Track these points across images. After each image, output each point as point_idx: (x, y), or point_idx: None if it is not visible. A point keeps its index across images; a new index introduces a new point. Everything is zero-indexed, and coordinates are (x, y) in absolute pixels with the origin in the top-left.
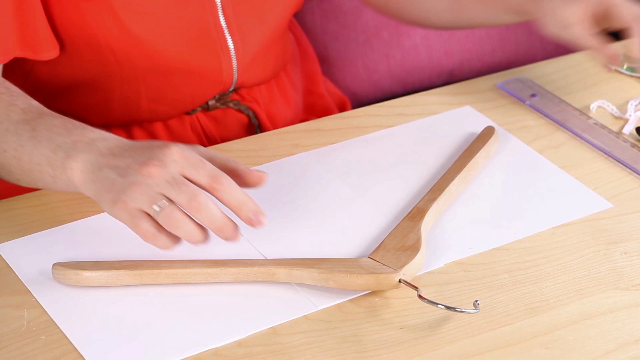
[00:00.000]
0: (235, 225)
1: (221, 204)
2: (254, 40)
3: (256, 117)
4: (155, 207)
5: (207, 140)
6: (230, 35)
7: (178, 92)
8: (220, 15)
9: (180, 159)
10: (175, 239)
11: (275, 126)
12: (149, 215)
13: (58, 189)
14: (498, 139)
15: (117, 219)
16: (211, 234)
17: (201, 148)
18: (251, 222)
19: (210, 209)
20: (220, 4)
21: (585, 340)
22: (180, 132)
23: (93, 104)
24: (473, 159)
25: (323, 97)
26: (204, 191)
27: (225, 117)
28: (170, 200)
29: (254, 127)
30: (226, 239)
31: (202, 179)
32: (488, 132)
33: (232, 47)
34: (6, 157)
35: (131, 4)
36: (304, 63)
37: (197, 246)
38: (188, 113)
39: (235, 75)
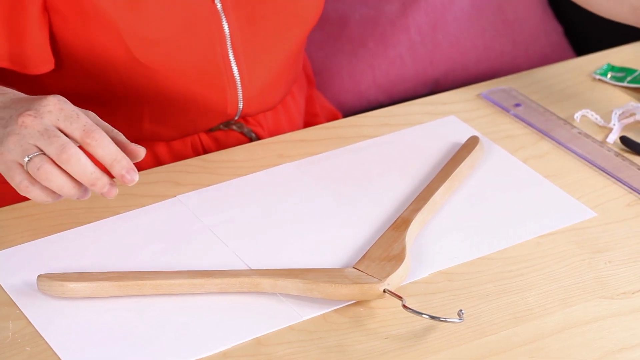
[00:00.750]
0: (110, 179)
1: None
2: (262, 72)
3: (259, 139)
4: (25, 158)
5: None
6: (237, 68)
7: (181, 117)
8: (228, 47)
9: (56, 109)
10: (50, 192)
11: None
12: (22, 166)
13: None
14: (482, 149)
15: None
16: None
17: (89, 113)
18: (124, 179)
19: (81, 161)
20: (229, 35)
21: (571, 349)
22: (181, 151)
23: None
24: (458, 169)
25: (317, 115)
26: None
27: (228, 139)
28: (41, 152)
29: None
30: (101, 193)
31: (75, 132)
32: (472, 142)
33: (239, 79)
34: None
35: (138, 30)
36: (307, 87)
37: (74, 199)
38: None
39: (241, 106)
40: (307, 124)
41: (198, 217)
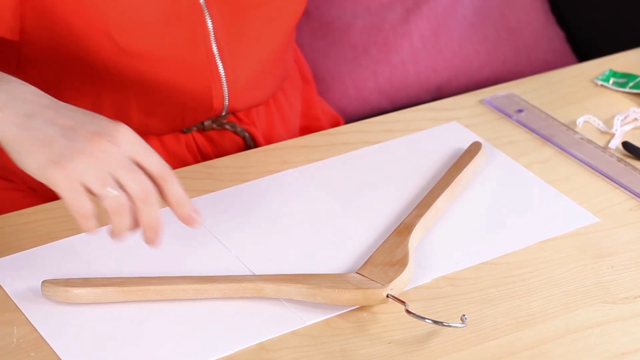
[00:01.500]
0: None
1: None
2: (247, 67)
3: (253, 139)
4: (112, 191)
5: (203, 159)
6: (221, 62)
7: (168, 108)
8: (212, 41)
9: (132, 139)
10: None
11: (266, 143)
12: (89, 191)
13: None
14: (485, 155)
15: (47, 181)
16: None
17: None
18: (191, 220)
19: (156, 207)
20: (212, 30)
21: (573, 354)
22: (175, 150)
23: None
24: (460, 175)
25: (318, 119)
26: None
27: (222, 138)
28: (119, 186)
29: (250, 149)
30: (151, 242)
31: (154, 167)
32: (475, 148)
33: (224, 74)
34: None
35: (120, 18)
36: (304, 87)
37: (114, 238)
38: (184, 132)
39: (227, 102)
40: (308, 128)
41: (202, 222)
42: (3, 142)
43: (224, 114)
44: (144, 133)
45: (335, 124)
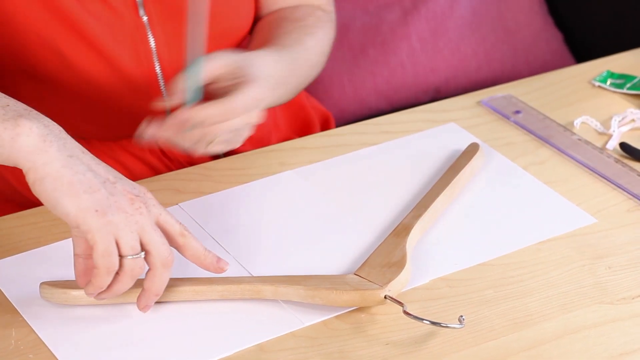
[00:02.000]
0: None
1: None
2: None
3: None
4: (140, 255)
5: (170, 161)
6: (164, 82)
7: (108, 119)
8: (155, 61)
9: (157, 203)
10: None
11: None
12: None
13: None
14: (483, 156)
15: (84, 226)
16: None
17: None
18: (220, 264)
19: (170, 273)
20: (155, 50)
21: (570, 354)
22: (137, 152)
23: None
24: (458, 176)
25: (304, 108)
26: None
27: None
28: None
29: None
30: (146, 307)
31: (176, 225)
32: (473, 149)
33: (165, 92)
34: None
35: (71, 32)
36: None
37: (93, 294)
38: None
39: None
40: (292, 117)
41: (200, 224)
42: (41, 176)
43: None
44: (80, 138)
45: (324, 119)
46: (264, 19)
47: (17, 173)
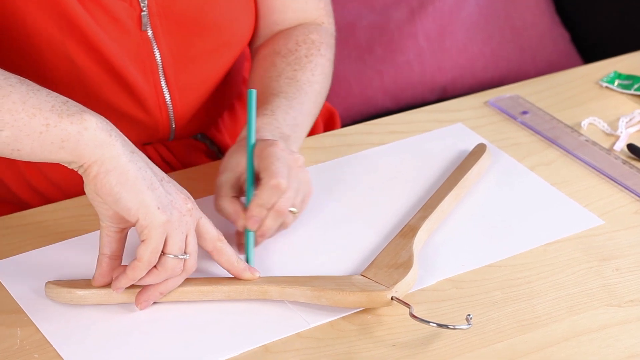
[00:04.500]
0: None
1: None
2: (194, 98)
3: (214, 143)
4: (185, 256)
5: (169, 166)
6: (169, 94)
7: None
8: (160, 74)
9: (197, 207)
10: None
11: None
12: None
13: (35, 144)
14: (490, 156)
15: (145, 220)
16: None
17: None
18: (248, 276)
19: (180, 281)
20: (161, 63)
21: (578, 357)
22: None
23: None
24: (465, 177)
25: (316, 123)
26: None
27: (184, 145)
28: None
29: (214, 152)
30: (146, 304)
31: (213, 233)
32: (480, 150)
33: (171, 105)
34: None
35: (82, 41)
36: None
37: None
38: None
39: (173, 130)
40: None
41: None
42: (106, 169)
43: (171, 138)
44: None
45: (329, 116)
46: (260, 55)
47: (13, 175)
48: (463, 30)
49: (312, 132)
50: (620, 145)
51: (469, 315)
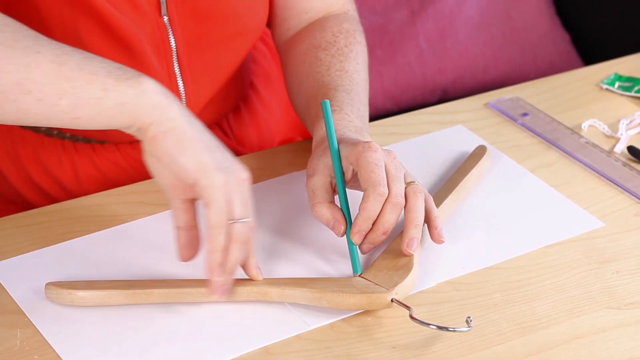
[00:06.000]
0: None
1: None
2: (207, 87)
3: (231, 134)
4: (249, 219)
5: None
6: (182, 82)
7: None
8: (174, 61)
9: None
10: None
11: (243, 149)
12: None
13: (94, 111)
14: (490, 158)
15: (206, 180)
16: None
17: None
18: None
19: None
20: (175, 50)
21: (578, 359)
22: (138, 157)
23: None
24: (465, 178)
25: None
26: None
27: None
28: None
29: (230, 144)
30: (218, 288)
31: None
32: (480, 151)
33: (184, 93)
34: (37, 60)
35: (95, 28)
36: (281, 73)
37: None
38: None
39: None
40: (293, 118)
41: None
42: (165, 129)
43: None
44: (86, 141)
45: None
46: (298, 51)
47: (20, 174)
48: (464, 31)
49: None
50: (621, 148)
51: (469, 317)
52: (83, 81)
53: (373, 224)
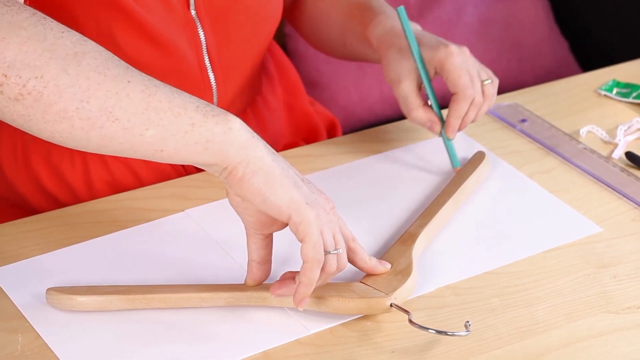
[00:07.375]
0: None
1: None
2: (236, 78)
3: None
4: (335, 251)
5: (182, 166)
6: (213, 74)
7: None
8: (204, 54)
9: (335, 210)
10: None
11: None
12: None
13: (180, 144)
14: (488, 164)
15: (299, 216)
16: None
17: None
18: (382, 266)
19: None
20: (204, 43)
21: None
22: (158, 165)
23: None
24: (464, 184)
25: (308, 114)
26: None
27: None
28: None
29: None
30: (300, 300)
31: (348, 231)
32: (479, 157)
33: (215, 85)
34: (128, 88)
35: (127, 25)
36: (283, 77)
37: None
38: None
39: None
40: (296, 122)
41: (206, 231)
42: (253, 169)
43: None
44: None
45: (330, 125)
46: None
47: (29, 178)
48: (462, 38)
49: (314, 139)
50: (619, 153)
51: (468, 322)
52: (171, 113)
53: None
